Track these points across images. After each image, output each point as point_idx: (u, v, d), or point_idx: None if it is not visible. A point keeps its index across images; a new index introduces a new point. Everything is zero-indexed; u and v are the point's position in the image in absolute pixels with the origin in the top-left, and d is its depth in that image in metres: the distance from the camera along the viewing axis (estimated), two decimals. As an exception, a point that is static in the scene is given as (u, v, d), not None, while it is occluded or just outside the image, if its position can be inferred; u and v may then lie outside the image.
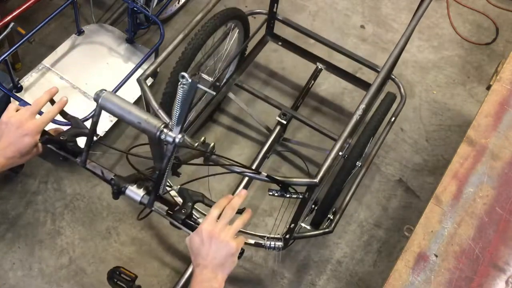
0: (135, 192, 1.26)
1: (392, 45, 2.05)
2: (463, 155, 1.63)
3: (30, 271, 2.16)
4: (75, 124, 1.31)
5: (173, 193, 1.64)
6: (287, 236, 1.87)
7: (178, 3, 3.01)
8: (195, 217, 1.26)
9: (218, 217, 1.14)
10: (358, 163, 2.15)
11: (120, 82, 2.27)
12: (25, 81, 2.42)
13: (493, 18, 3.23)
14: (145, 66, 2.33)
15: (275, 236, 1.89)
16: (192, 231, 1.19)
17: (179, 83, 1.06)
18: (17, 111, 1.17)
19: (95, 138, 2.27)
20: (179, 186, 1.30)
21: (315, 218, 2.09)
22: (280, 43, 2.63)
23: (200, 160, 1.47)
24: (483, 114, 1.73)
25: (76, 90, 2.44)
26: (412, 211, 2.47)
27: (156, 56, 2.45)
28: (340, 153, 1.65)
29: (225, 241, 1.09)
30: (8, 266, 2.16)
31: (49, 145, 1.28)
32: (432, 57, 3.03)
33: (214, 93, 1.39)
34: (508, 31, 3.19)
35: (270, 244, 1.87)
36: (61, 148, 1.29)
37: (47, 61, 2.50)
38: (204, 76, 2.21)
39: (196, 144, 1.36)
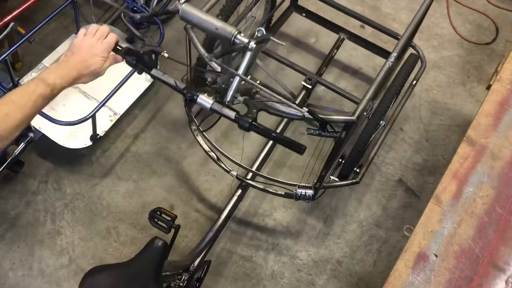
0: (206, 100, 1.40)
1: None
2: (463, 155, 1.63)
3: (30, 271, 2.16)
4: (148, 42, 1.44)
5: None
6: (317, 185, 1.94)
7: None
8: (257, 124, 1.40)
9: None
10: (382, 122, 2.22)
11: (121, 82, 2.27)
12: (25, 81, 2.41)
13: (493, 18, 3.23)
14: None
15: (306, 184, 1.93)
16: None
17: None
18: (84, 35, 1.35)
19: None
20: (244, 97, 1.45)
21: (342, 171, 2.19)
22: (304, 14, 2.76)
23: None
24: (483, 114, 1.73)
25: (76, 90, 2.44)
26: (412, 211, 2.47)
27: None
28: (365, 113, 1.82)
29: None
30: (8, 266, 2.16)
31: (127, 56, 1.42)
32: (432, 57, 3.02)
33: None
34: (508, 31, 3.19)
35: (301, 193, 1.92)
36: (138, 60, 1.43)
37: (47, 61, 2.50)
38: None
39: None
